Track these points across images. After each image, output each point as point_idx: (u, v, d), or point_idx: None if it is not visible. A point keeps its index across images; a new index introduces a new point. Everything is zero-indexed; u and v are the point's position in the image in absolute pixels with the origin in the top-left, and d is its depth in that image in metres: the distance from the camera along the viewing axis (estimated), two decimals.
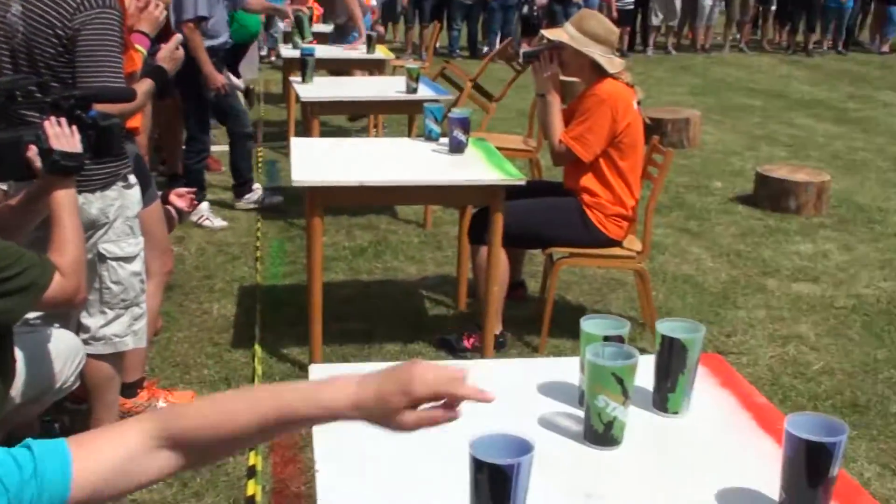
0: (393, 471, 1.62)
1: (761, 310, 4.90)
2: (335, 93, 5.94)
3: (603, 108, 4.10)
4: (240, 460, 3.38)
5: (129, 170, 3.22)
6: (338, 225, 6.12)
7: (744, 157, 8.40)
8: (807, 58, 15.85)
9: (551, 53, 4.25)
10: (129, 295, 3.23)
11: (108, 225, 3.12)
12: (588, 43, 4.15)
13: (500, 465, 1.38)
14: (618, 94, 4.13)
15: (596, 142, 4.12)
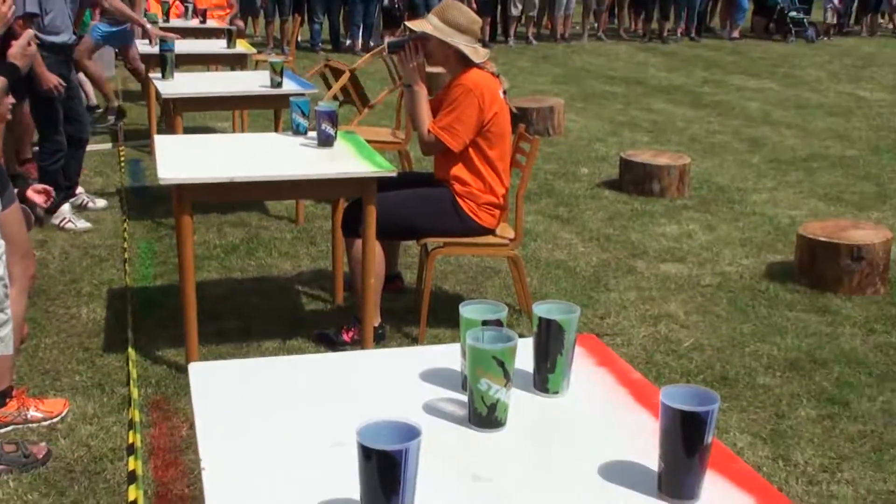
0: (280, 464, 1.61)
1: (632, 291, 5.03)
2: (197, 89, 5.82)
3: (470, 97, 4.13)
4: (119, 466, 3.30)
5: None
6: (208, 223, 6.01)
7: (607, 143, 8.60)
8: (662, 45, 16.33)
9: (416, 44, 4.25)
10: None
11: None
12: (452, 33, 4.18)
13: (388, 451, 1.39)
14: (484, 84, 4.18)
15: (464, 131, 4.16)
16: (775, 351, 4.31)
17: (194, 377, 1.95)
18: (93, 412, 3.70)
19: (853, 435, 3.59)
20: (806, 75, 13.17)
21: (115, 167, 7.43)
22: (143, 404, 3.78)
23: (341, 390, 1.90)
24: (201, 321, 4.07)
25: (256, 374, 1.97)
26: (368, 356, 2.26)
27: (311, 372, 1.98)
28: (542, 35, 16.87)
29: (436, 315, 4.49)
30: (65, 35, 5.83)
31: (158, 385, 3.94)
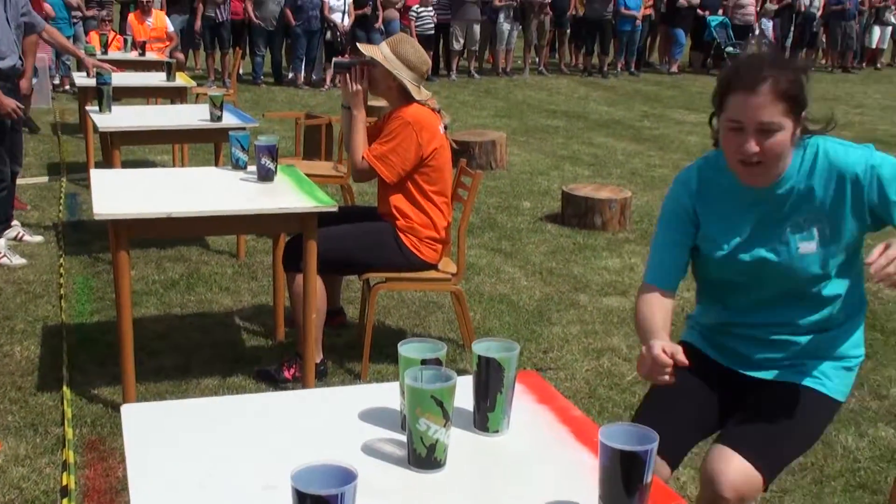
0: None
1: (575, 325, 5.04)
2: (135, 122, 5.75)
3: (408, 130, 4.13)
4: None
5: None
6: (147, 258, 5.92)
7: (549, 176, 8.65)
8: (602, 79, 16.54)
9: (362, 69, 4.24)
10: None
11: None
12: (400, 66, 4.19)
13: (322, 496, 1.36)
14: (423, 118, 4.18)
15: (399, 163, 4.15)
16: None
17: (127, 419, 1.90)
18: (25, 453, 3.60)
19: (794, 468, 3.61)
20: None
21: (51, 201, 7.31)
22: (77, 445, 3.69)
23: (278, 431, 1.86)
24: (139, 358, 3.99)
25: (191, 414, 1.93)
26: (306, 395, 2.22)
27: (246, 412, 1.95)
28: (484, 69, 17.00)
29: (379, 350, 4.45)
30: (9, 60, 5.74)
31: (94, 425, 3.85)
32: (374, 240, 4.25)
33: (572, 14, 16.90)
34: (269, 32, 14.29)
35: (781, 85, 2.17)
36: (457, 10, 15.49)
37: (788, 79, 2.18)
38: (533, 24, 16.41)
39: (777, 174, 2.30)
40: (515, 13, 16.13)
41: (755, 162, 2.23)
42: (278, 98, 13.34)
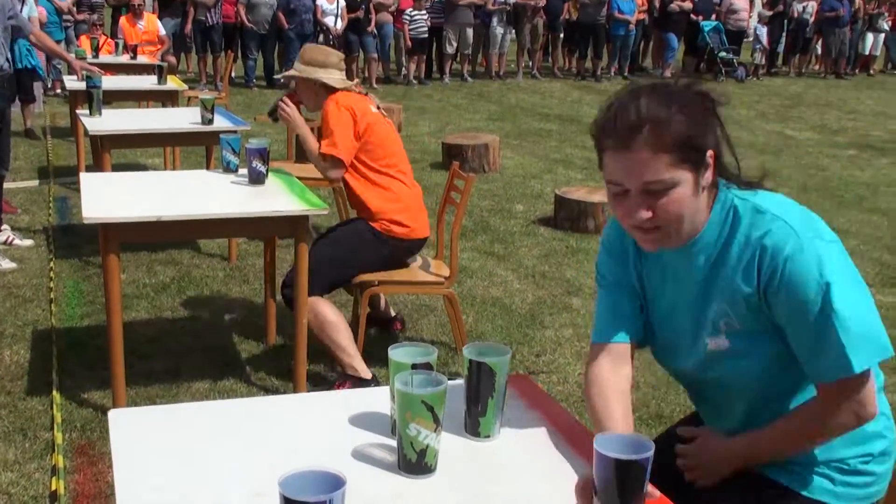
0: None
1: (568, 328, 5.02)
2: (126, 125, 5.72)
3: (338, 112, 4.23)
4: None
5: None
6: (137, 261, 5.89)
7: (542, 180, 8.64)
8: (595, 83, 16.54)
9: (287, 98, 4.49)
10: None
11: None
12: (313, 70, 4.33)
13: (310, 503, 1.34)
14: (349, 97, 4.29)
15: (344, 141, 4.21)
16: None
17: (114, 425, 1.88)
18: (14, 458, 3.57)
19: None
20: (736, 114, 13.41)
21: (41, 205, 7.27)
22: (67, 449, 3.66)
23: (267, 436, 1.84)
24: (130, 362, 3.97)
25: (179, 420, 1.90)
26: (296, 399, 2.20)
27: (236, 417, 1.92)
28: (477, 73, 17.00)
29: (370, 354, 4.42)
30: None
31: (83, 429, 3.82)
32: (353, 241, 4.26)
33: (565, 18, 16.90)
34: (262, 36, 14.27)
35: (664, 132, 1.70)
36: (450, 14, 15.49)
37: (674, 121, 1.71)
38: (526, 27, 16.41)
39: (690, 233, 1.84)
40: (509, 17, 16.13)
41: (652, 227, 1.79)
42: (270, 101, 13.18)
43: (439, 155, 9.32)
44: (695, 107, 1.76)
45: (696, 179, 1.76)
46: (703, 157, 1.76)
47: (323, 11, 14.11)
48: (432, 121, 11.93)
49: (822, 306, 1.69)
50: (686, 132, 1.71)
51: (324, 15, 14.12)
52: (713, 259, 1.84)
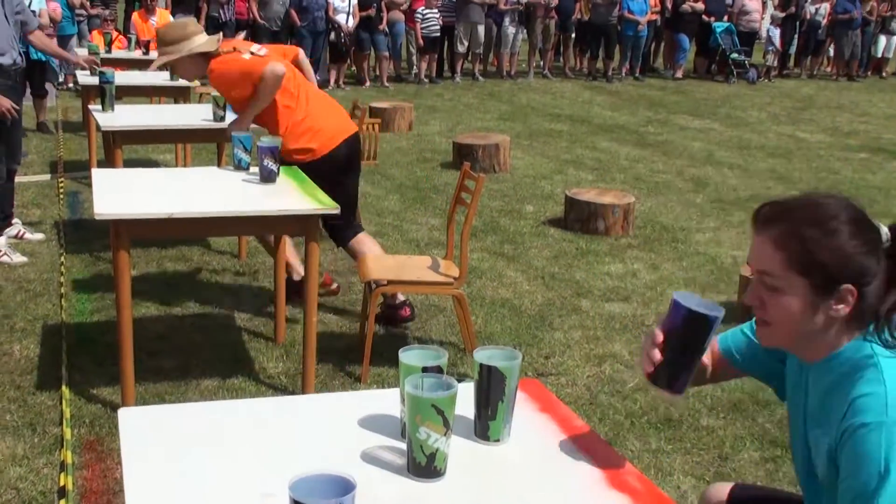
0: None
1: (577, 330, 5.02)
2: (138, 121, 5.73)
3: (226, 63, 4.57)
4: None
5: None
6: (148, 257, 5.90)
7: (553, 180, 8.63)
8: (607, 84, 16.51)
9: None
10: None
11: None
12: (182, 47, 4.60)
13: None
14: (229, 56, 4.63)
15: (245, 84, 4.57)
16: (719, 392, 4.31)
17: (124, 423, 1.88)
18: (23, 453, 3.58)
19: (795, 478, 3.59)
20: (748, 116, 13.38)
21: (53, 199, 7.29)
22: (75, 445, 3.67)
23: (276, 437, 1.84)
24: (139, 359, 3.97)
25: (189, 419, 1.91)
26: (306, 401, 2.20)
27: (245, 417, 1.92)
28: (488, 72, 16.98)
29: (380, 354, 4.43)
30: (8, 57, 5.71)
31: (92, 425, 3.83)
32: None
33: (577, 18, 16.87)
34: (274, 32, 14.26)
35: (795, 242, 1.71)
36: (462, 13, 15.47)
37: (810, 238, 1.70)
38: (538, 27, 16.38)
39: (810, 354, 1.80)
40: (520, 17, 16.11)
41: (761, 321, 1.80)
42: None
43: (450, 154, 9.31)
44: (848, 238, 1.70)
45: (814, 301, 1.72)
46: (835, 287, 1.70)
47: (335, 9, 14.11)
48: (443, 120, 11.92)
49: (868, 490, 1.61)
50: (817, 254, 1.70)
51: (336, 12, 14.13)
52: (823, 394, 1.78)
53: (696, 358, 1.78)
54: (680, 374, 1.78)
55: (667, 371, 1.78)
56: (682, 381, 1.79)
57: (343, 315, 5.11)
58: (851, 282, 1.69)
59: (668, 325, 1.76)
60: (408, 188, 8.13)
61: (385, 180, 8.37)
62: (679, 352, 1.76)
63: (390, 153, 9.47)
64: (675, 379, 1.79)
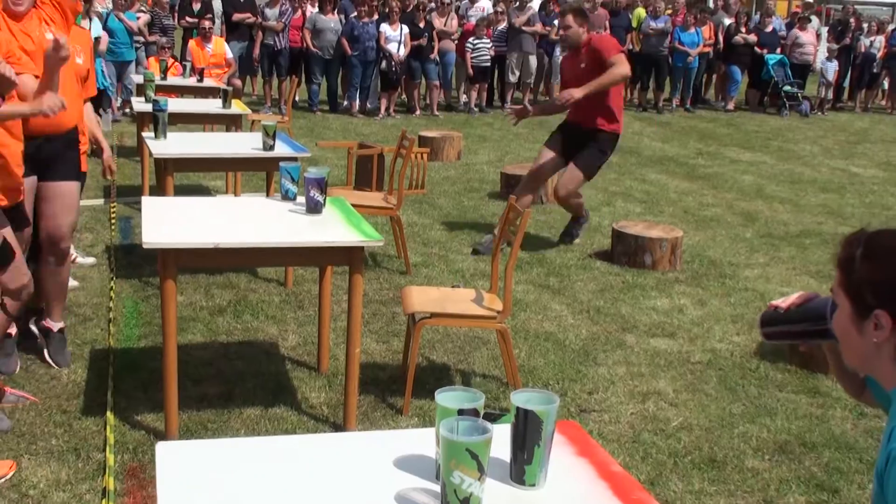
0: None
1: (621, 366, 4.97)
2: (189, 149, 5.81)
3: None
4: None
5: None
6: (196, 284, 5.96)
7: (601, 212, 8.59)
8: (657, 115, 16.43)
9: None
10: None
11: None
12: None
13: None
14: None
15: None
16: (765, 433, 4.25)
17: (161, 457, 1.89)
18: (66, 478, 3.62)
19: None
20: (800, 150, 13.24)
21: (105, 224, 7.40)
22: (118, 471, 3.70)
23: (312, 475, 1.84)
24: (183, 385, 4.00)
25: (225, 455, 1.91)
26: (343, 439, 2.20)
27: (282, 455, 1.93)
28: (538, 102, 16.97)
29: (421, 385, 4.43)
30: None
31: (135, 452, 3.86)
32: None
33: (628, 49, 16.84)
34: (326, 61, 14.41)
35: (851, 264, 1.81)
36: (513, 43, 15.51)
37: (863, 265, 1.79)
38: None
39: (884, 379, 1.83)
40: None
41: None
42: (333, 126, 13.43)
43: (497, 185, 9.31)
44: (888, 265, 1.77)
45: (857, 323, 1.80)
46: (870, 311, 1.77)
47: (386, 38, 14.23)
48: (492, 150, 11.94)
49: None
50: (857, 276, 1.79)
51: (387, 41, 14.23)
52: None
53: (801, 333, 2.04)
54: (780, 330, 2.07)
55: (778, 317, 2.05)
56: (773, 333, 2.09)
57: (387, 345, 5.11)
58: (884, 307, 1.75)
59: (814, 302, 2.01)
60: (455, 218, 8.13)
61: (432, 209, 8.39)
62: (798, 319, 2.02)
63: (438, 182, 9.50)
64: (772, 326, 2.07)
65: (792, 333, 2.06)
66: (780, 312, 2.05)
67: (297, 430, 4.10)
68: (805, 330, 2.03)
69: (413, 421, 4.22)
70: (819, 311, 1.99)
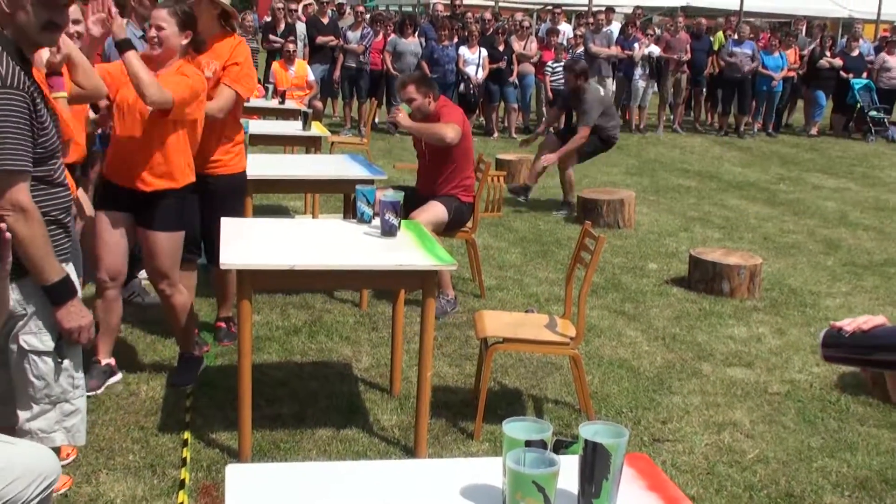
0: None
1: (696, 395, 4.90)
2: (268, 170, 5.91)
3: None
4: None
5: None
6: (272, 303, 6.04)
7: (678, 238, 8.49)
8: (738, 139, 16.21)
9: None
10: (54, 391, 3.09)
11: (27, 317, 3.01)
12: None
13: None
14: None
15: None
16: (845, 468, 4.14)
17: (231, 480, 1.91)
18: (142, 494, 3.68)
19: None
20: (886, 176, 12.93)
21: None
22: (192, 489, 3.75)
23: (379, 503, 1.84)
24: (258, 405, 4.05)
25: (294, 479, 1.93)
26: (411, 466, 2.20)
27: (350, 481, 1.94)
28: None
29: (493, 411, 4.41)
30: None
31: (209, 470, 3.91)
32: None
33: (709, 73, 16.67)
34: None
35: None
36: (592, 66, 15.46)
37: None
38: (669, 81, 16.25)
39: None
40: (651, 70, 16.01)
41: None
42: (410, 148, 13.48)
43: (574, 208, 9.28)
44: None
45: None
46: None
47: (465, 61, 14.31)
48: None
49: None
50: None
51: (466, 64, 14.31)
52: None
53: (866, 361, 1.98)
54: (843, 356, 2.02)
55: (843, 341, 1.98)
56: (835, 356, 2.03)
57: (459, 369, 5.11)
58: None
59: (883, 330, 1.95)
60: (530, 241, 8.12)
61: (508, 233, 8.38)
62: (864, 346, 1.96)
63: (514, 205, 9.50)
64: (835, 349, 2.02)
65: (856, 360, 2.02)
66: (845, 336, 2.01)
67: (369, 453, 4.12)
68: (871, 359, 1.99)
69: (484, 446, 4.21)
70: (890, 341, 1.94)
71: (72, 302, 3.01)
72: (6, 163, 2.78)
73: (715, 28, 17.63)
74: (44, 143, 2.92)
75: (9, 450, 2.66)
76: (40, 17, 2.92)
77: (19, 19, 2.90)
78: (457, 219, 6.03)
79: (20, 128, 2.80)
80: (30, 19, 2.91)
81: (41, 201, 2.93)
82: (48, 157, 2.96)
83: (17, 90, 2.79)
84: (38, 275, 2.92)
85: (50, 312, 3.01)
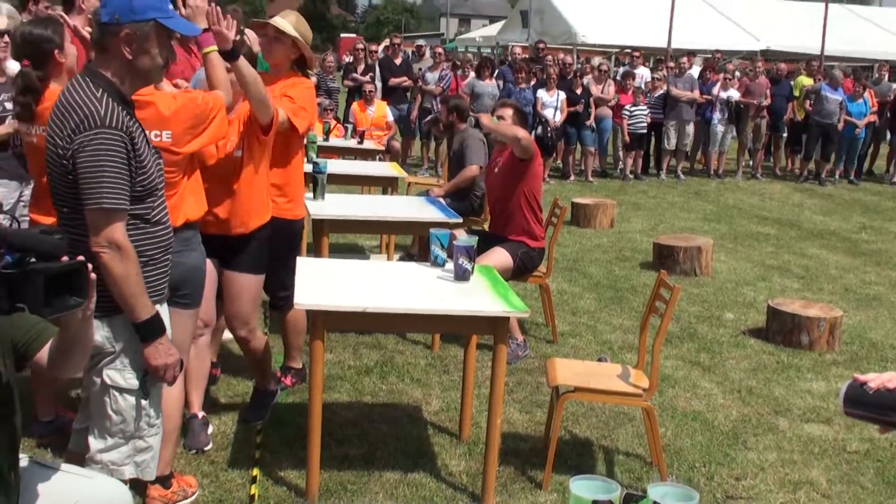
0: None
1: (772, 452, 4.78)
2: (345, 211, 5.97)
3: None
4: None
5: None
6: (345, 342, 6.07)
7: (756, 287, 8.35)
8: (819, 186, 15.92)
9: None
10: (129, 427, 3.15)
11: (115, 354, 3.08)
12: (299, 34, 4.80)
13: None
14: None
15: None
16: None
17: None
18: None
19: None
20: None
21: None
22: None
23: None
24: (326, 444, 4.06)
25: None
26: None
27: None
28: (695, 170, 16.71)
29: (563, 460, 4.37)
30: None
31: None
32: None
33: (789, 118, 16.44)
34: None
35: None
36: (672, 111, 15.37)
37: None
38: (748, 126, 16.06)
39: None
40: (730, 115, 15.85)
41: None
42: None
43: (650, 254, 9.18)
44: None
45: None
46: None
47: (543, 104, 14.32)
48: (645, 218, 11.79)
49: None
50: None
51: (543, 107, 14.33)
52: None
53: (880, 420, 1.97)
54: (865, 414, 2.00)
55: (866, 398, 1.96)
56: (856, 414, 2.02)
57: (530, 416, 5.07)
58: None
59: None
60: (604, 287, 8.05)
61: (582, 278, 8.33)
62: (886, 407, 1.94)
63: (590, 250, 9.44)
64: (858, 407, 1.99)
65: (878, 420, 2.00)
66: (869, 393, 1.97)
67: (436, 498, 4.10)
68: (891, 420, 1.97)
69: (552, 497, 4.16)
70: None
71: (160, 339, 3.06)
72: (103, 201, 2.86)
73: (795, 73, 17.39)
74: (142, 182, 2.99)
75: (84, 484, 2.72)
76: (164, 58, 3.02)
77: (142, 64, 2.98)
78: (525, 265, 6.01)
79: (118, 166, 2.88)
80: (154, 62, 3.00)
81: (137, 239, 2.99)
82: (146, 196, 3.03)
83: (115, 129, 2.88)
84: (129, 312, 2.98)
85: (137, 351, 3.07)
